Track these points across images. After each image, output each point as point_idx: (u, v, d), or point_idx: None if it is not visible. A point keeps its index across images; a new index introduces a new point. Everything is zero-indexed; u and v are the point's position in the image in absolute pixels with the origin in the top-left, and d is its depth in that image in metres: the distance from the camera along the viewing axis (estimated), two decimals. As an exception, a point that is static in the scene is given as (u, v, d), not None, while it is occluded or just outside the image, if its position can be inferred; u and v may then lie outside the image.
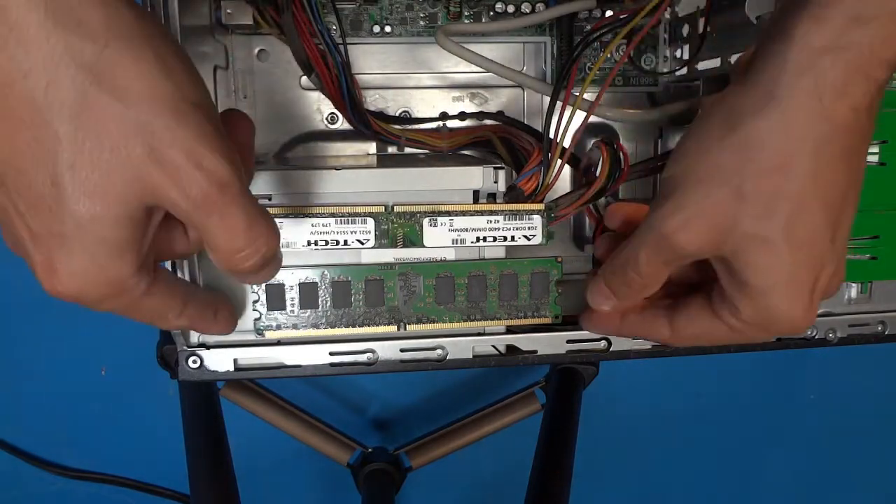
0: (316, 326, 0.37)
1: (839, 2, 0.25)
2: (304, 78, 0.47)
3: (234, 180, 0.25)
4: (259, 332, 0.37)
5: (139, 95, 0.23)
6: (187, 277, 0.36)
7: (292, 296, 0.37)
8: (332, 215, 0.36)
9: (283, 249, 0.36)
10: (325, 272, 0.37)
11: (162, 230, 0.28)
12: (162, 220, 0.27)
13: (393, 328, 0.38)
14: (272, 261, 0.29)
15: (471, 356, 0.40)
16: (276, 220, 0.35)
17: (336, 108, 0.43)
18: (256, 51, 0.46)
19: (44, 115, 0.23)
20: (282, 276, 0.37)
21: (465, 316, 0.38)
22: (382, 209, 0.37)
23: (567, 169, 0.46)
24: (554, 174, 0.38)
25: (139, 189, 0.24)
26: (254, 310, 0.37)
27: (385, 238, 0.37)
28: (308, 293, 0.37)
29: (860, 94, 0.26)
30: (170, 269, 0.35)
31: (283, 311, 0.37)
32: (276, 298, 0.37)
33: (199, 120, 0.24)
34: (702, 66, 0.45)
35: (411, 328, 0.38)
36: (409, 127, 0.46)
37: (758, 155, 0.27)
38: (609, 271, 0.34)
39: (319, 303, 0.37)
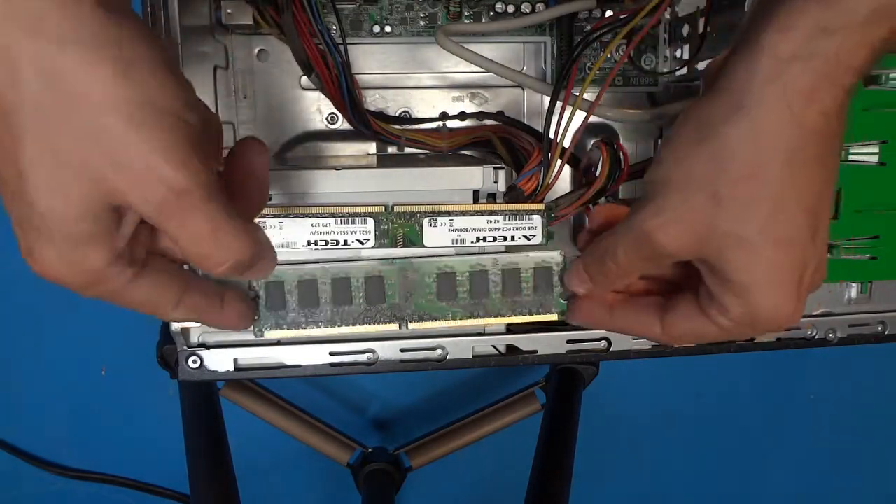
0: (316, 324, 0.37)
1: (806, 12, 0.26)
2: (304, 78, 0.47)
3: (193, 188, 0.25)
4: (257, 333, 0.37)
5: (94, 100, 0.23)
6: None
7: (292, 294, 0.37)
8: (332, 215, 0.36)
9: (283, 249, 0.36)
10: (326, 267, 0.37)
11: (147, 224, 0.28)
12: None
13: (394, 326, 0.38)
14: (249, 265, 0.29)
15: (471, 356, 0.40)
16: (276, 220, 0.36)
17: (336, 108, 0.43)
18: (256, 51, 0.46)
19: (7, 113, 0.23)
20: (281, 272, 0.37)
21: (467, 313, 0.38)
22: (382, 209, 0.37)
23: (567, 169, 0.46)
24: (554, 174, 0.38)
25: (98, 190, 0.24)
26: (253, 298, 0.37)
27: (385, 238, 0.37)
28: (308, 291, 0.37)
29: (829, 100, 0.26)
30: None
31: (283, 310, 0.37)
32: (275, 298, 0.37)
33: (157, 126, 0.24)
34: (702, 66, 0.45)
35: (413, 326, 0.38)
36: (409, 127, 0.46)
37: (729, 164, 0.27)
38: (588, 258, 0.34)
39: (320, 301, 0.37)
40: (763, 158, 0.27)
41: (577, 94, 0.39)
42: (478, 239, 0.37)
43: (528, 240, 0.38)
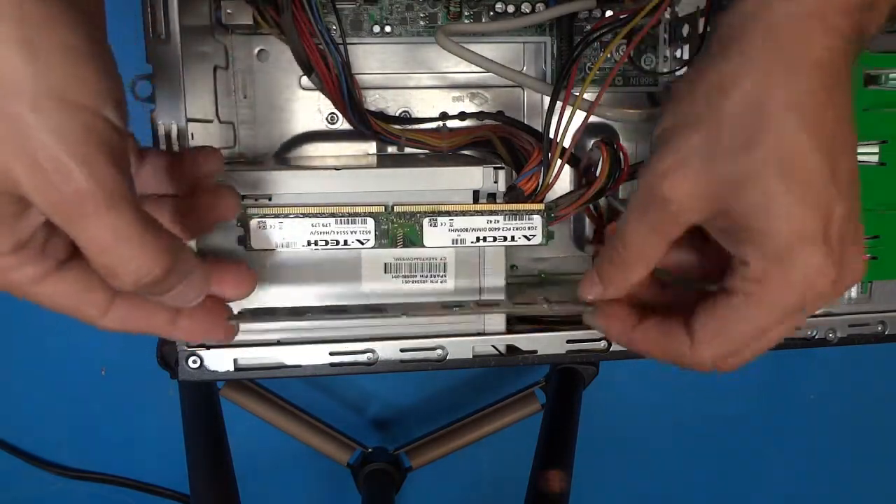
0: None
1: None
2: (304, 78, 0.47)
3: (95, 192, 0.23)
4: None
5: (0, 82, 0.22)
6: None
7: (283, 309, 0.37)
8: (332, 215, 0.36)
9: (283, 249, 0.36)
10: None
11: None
12: None
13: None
14: (160, 286, 0.26)
15: (471, 356, 0.40)
16: (276, 220, 0.36)
17: (336, 108, 0.43)
18: (256, 51, 0.46)
19: None
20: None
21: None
22: (382, 209, 0.37)
23: (567, 169, 0.46)
24: (554, 174, 0.38)
25: (3, 179, 0.23)
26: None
27: (385, 238, 0.37)
28: (296, 312, 0.37)
29: (821, 39, 0.26)
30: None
31: (273, 320, 0.37)
32: (264, 311, 0.37)
33: (64, 118, 0.23)
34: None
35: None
36: (409, 127, 0.46)
37: (725, 100, 0.26)
38: (598, 259, 0.32)
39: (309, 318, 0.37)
40: (759, 93, 0.26)
41: (577, 94, 0.39)
42: (478, 239, 0.37)
43: (528, 240, 0.38)
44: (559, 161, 0.39)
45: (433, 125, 0.46)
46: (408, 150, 0.46)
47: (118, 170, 0.24)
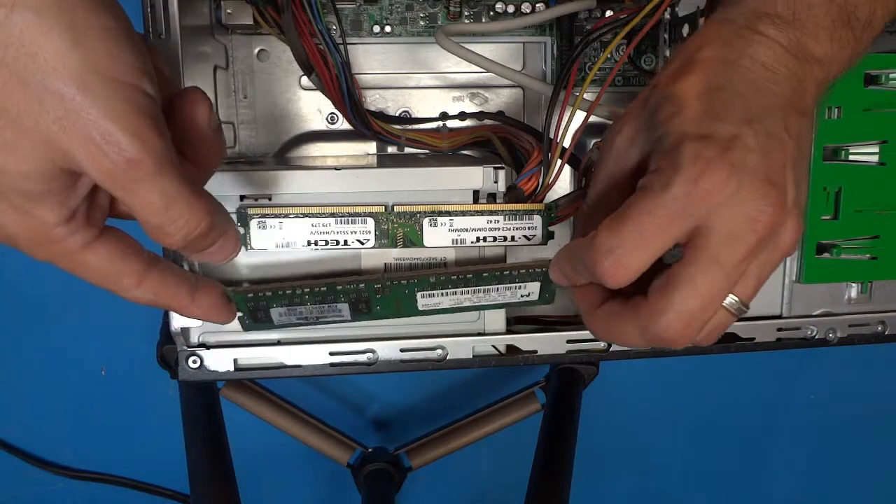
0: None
1: None
2: (304, 78, 0.47)
3: (145, 159, 0.25)
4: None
5: (46, 64, 0.24)
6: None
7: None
8: (332, 215, 0.36)
9: (283, 249, 0.36)
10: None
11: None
12: None
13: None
14: (208, 239, 0.29)
15: (471, 356, 0.40)
16: (276, 220, 0.36)
17: (336, 108, 0.43)
18: (256, 51, 0.46)
19: None
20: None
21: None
22: (382, 209, 0.37)
23: (567, 169, 0.46)
24: (554, 174, 0.38)
25: (50, 152, 0.25)
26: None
27: (385, 238, 0.37)
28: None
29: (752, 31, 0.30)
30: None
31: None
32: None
33: (110, 94, 0.24)
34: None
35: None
36: (409, 127, 0.46)
37: (668, 64, 0.31)
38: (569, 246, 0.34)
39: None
40: (694, 53, 0.30)
41: (577, 94, 0.39)
42: (478, 239, 0.37)
43: (528, 240, 0.38)
44: (559, 161, 0.39)
45: (433, 125, 0.46)
46: (408, 150, 0.46)
47: (162, 137, 0.26)
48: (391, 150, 0.48)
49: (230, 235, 0.31)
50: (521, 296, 0.38)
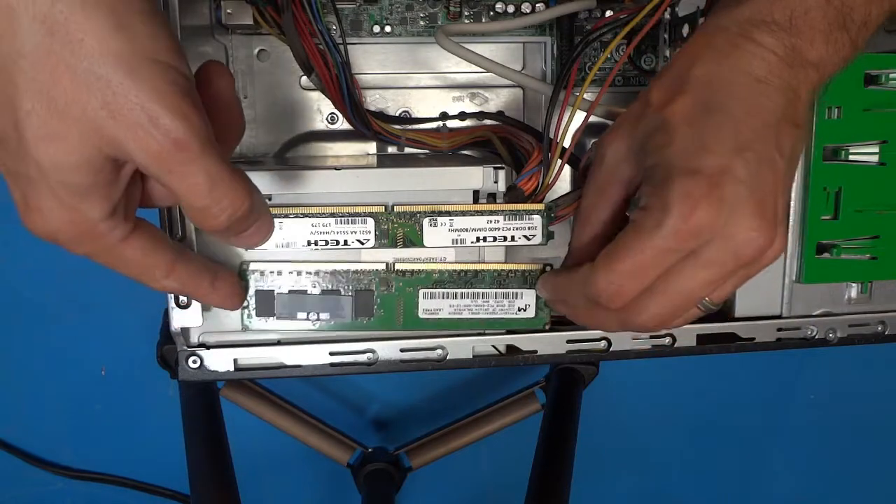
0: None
1: None
2: (304, 78, 0.47)
3: (191, 140, 0.25)
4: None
5: (91, 50, 0.24)
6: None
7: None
8: (332, 215, 0.36)
9: (282, 249, 0.36)
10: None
11: (139, 178, 0.28)
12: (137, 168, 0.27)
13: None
14: (248, 221, 0.29)
15: (471, 356, 0.40)
16: (276, 221, 0.36)
17: (336, 108, 0.43)
18: (256, 51, 0.46)
19: (4, 63, 0.24)
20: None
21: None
22: (382, 209, 0.37)
23: (567, 169, 0.46)
24: (554, 174, 0.38)
25: (97, 140, 0.25)
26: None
27: (385, 238, 0.37)
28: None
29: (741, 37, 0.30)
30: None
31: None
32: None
33: (155, 76, 0.24)
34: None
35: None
36: (409, 127, 0.46)
37: (659, 78, 0.31)
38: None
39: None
40: (684, 70, 0.30)
41: (577, 94, 0.39)
42: (478, 239, 0.37)
43: (528, 240, 0.38)
44: (559, 161, 0.39)
45: (433, 125, 0.46)
46: (408, 150, 0.46)
47: (202, 117, 0.26)
48: (391, 150, 0.48)
49: (267, 217, 0.31)
50: (518, 308, 0.38)
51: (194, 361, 0.38)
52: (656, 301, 0.30)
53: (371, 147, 0.48)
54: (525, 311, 0.39)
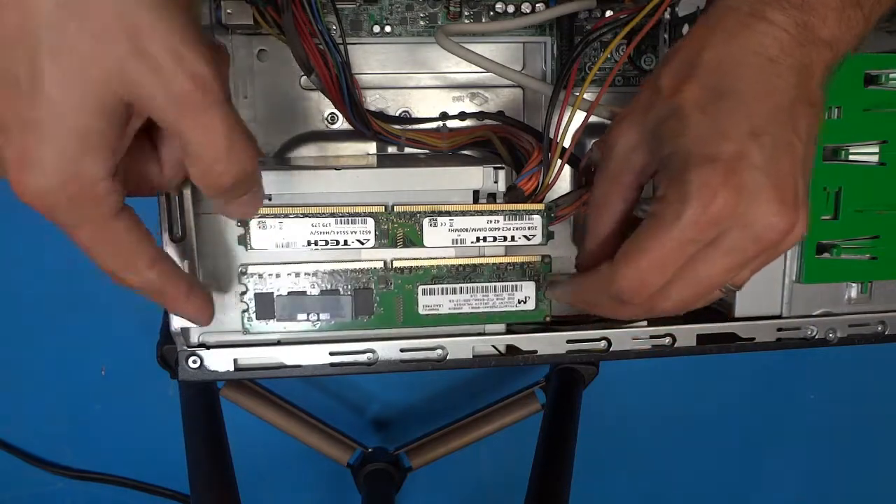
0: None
1: None
2: (304, 78, 0.47)
3: (215, 84, 0.25)
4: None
5: None
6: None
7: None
8: (332, 215, 0.36)
9: (282, 249, 0.36)
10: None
11: (136, 150, 0.28)
12: (136, 140, 0.27)
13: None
14: (250, 183, 0.28)
15: (471, 356, 0.40)
16: (276, 220, 0.36)
17: (336, 108, 0.43)
18: (256, 51, 0.46)
19: (26, 7, 0.23)
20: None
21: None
22: (382, 209, 0.37)
23: (567, 169, 0.46)
24: (554, 174, 0.38)
25: (119, 81, 0.24)
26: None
27: (385, 238, 0.37)
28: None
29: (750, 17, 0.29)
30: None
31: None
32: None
33: (182, 18, 0.24)
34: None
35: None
36: (409, 127, 0.46)
37: (665, 64, 0.31)
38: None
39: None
40: (693, 54, 0.30)
41: (577, 94, 0.39)
42: (478, 239, 0.37)
43: (528, 240, 0.38)
44: (559, 161, 0.39)
45: (433, 125, 0.46)
46: (408, 150, 0.46)
47: (219, 63, 0.26)
48: (391, 150, 0.48)
49: (261, 188, 0.31)
50: (519, 300, 0.38)
51: (194, 361, 0.38)
52: (679, 289, 0.30)
53: (371, 147, 0.48)
54: (525, 303, 0.38)
